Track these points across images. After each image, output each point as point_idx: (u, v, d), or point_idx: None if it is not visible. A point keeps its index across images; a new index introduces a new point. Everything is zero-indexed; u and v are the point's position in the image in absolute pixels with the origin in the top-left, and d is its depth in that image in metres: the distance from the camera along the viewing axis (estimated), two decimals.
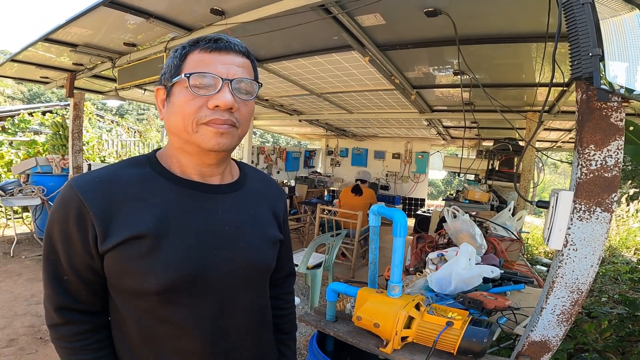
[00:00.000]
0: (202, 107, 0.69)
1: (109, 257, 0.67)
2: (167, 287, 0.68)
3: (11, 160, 6.77)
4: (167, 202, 0.71)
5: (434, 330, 1.08)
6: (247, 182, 0.87)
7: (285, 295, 1.03)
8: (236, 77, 0.70)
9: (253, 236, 0.80)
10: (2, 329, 2.81)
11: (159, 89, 0.76)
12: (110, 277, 0.70)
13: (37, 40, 3.11)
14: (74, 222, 0.66)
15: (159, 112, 0.77)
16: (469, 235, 1.99)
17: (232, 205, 0.79)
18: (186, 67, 0.70)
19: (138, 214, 0.68)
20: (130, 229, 0.67)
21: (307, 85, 4.45)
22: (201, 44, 0.71)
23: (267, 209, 0.88)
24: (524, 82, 3.48)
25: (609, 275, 4.68)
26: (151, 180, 0.73)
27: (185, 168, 0.76)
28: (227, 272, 0.75)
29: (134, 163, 0.75)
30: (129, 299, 0.71)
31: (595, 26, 0.88)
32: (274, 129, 10.24)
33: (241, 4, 2.27)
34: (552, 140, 7.04)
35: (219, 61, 0.70)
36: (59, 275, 0.69)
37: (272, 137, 22.00)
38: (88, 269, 0.69)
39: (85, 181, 0.68)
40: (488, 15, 2.24)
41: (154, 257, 0.67)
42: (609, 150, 0.96)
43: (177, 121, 0.71)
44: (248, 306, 0.80)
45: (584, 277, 1.02)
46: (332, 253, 3.68)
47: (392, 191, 9.32)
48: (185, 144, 0.73)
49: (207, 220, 0.74)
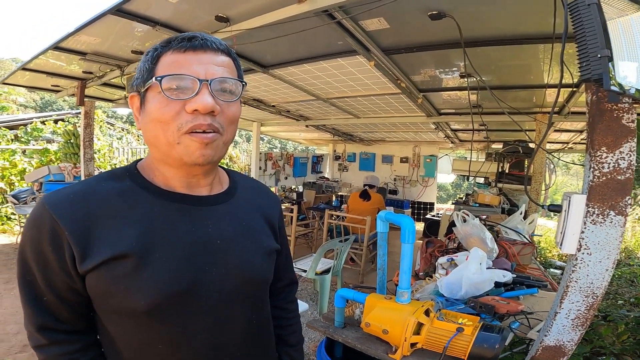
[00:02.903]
0: (180, 113, 0.63)
1: (90, 278, 0.63)
2: (156, 306, 0.63)
3: (24, 168, 6.91)
4: (150, 217, 0.66)
5: (444, 337, 1.06)
6: (238, 191, 0.81)
7: (287, 305, 0.98)
8: (216, 77, 0.64)
9: (247, 248, 0.75)
10: (15, 335, 2.86)
11: (132, 96, 0.70)
12: (95, 298, 0.65)
13: (47, 49, 3.18)
14: (48, 243, 0.61)
15: (136, 121, 0.71)
16: (480, 239, 1.97)
17: (223, 217, 0.74)
18: (159, 70, 0.64)
19: (119, 232, 0.63)
20: (111, 249, 0.62)
21: (313, 91, 4.47)
22: (173, 43, 0.65)
23: (261, 218, 0.83)
24: (533, 84, 3.44)
25: (624, 277, 4.58)
26: (132, 194, 0.67)
27: (169, 180, 0.70)
28: (220, 287, 0.70)
29: (112, 176, 0.69)
30: (116, 319, 0.66)
31: (602, 27, 0.87)
32: (281, 134, 10.28)
33: (245, 10, 2.30)
34: (563, 141, 6.94)
35: (195, 61, 0.64)
36: (37, 296, 0.65)
37: (279, 143, 22.10)
38: (68, 289, 0.64)
39: (59, 198, 0.63)
40: (493, 17, 2.23)
41: (139, 276, 0.62)
42: (622, 153, 0.94)
43: (156, 131, 0.65)
44: (245, 321, 0.75)
45: (598, 281, 1.00)
46: (341, 258, 3.67)
47: (400, 195, 9.27)
48: (166, 157, 0.67)
49: (196, 234, 0.69)
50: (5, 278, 4.07)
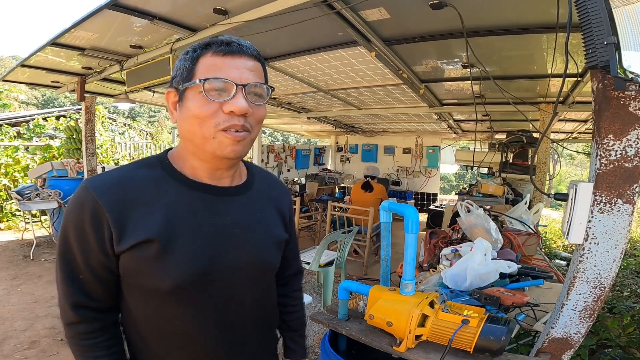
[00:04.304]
0: (218, 112, 0.70)
1: (124, 258, 0.69)
2: (178, 286, 0.70)
3: (27, 165, 6.93)
4: (178, 205, 0.73)
5: (449, 329, 1.06)
6: (255, 183, 0.88)
7: (293, 293, 1.06)
8: (249, 82, 0.71)
9: (259, 237, 0.83)
10: (24, 331, 2.88)
11: (170, 91, 0.76)
12: (126, 276, 0.72)
13: (45, 45, 3.16)
14: (90, 223, 0.67)
15: (171, 115, 0.77)
16: (484, 229, 1.95)
17: (241, 207, 0.81)
18: (199, 71, 0.70)
19: (150, 217, 0.70)
20: (143, 233, 0.68)
21: (314, 83, 4.44)
22: (213, 46, 0.71)
23: (274, 210, 0.90)
24: (536, 74, 3.40)
25: (630, 268, 4.56)
26: (163, 182, 0.74)
27: (196, 171, 0.77)
28: (233, 271, 0.77)
29: (146, 164, 0.76)
30: (141, 297, 0.73)
31: (608, 14, 0.86)
32: (283, 127, 10.26)
33: (244, 2, 2.27)
34: (568, 131, 6.88)
35: (232, 65, 0.70)
36: (75, 274, 0.71)
37: (281, 136, 22.06)
38: (103, 268, 0.71)
39: (100, 182, 0.70)
40: (495, 6, 2.19)
41: (166, 258, 0.69)
42: (629, 140, 0.92)
43: (193, 126, 0.71)
44: (253, 302, 0.83)
45: (606, 272, 0.98)
46: (344, 250, 3.67)
47: (403, 186, 9.25)
48: (198, 150, 0.74)
49: (216, 221, 0.76)
50: (12, 275, 4.11)
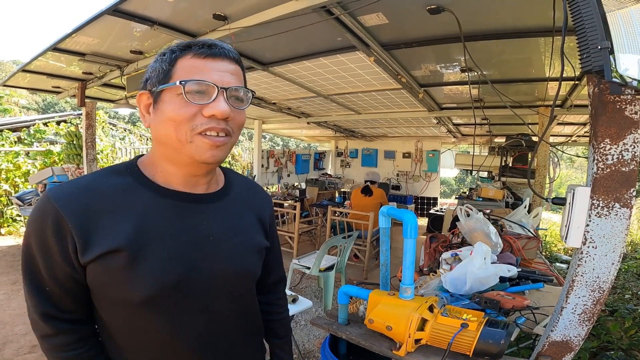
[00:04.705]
0: (196, 116, 0.67)
1: (90, 269, 0.66)
2: (150, 298, 0.67)
3: (28, 170, 6.93)
4: (147, 214, 0.69)
5: (448, 332, 1.06)
6: (232, 190, 0.85)
7: (278, 301, 1.04)
8: (231, 86, 0.69)
9: (238, 245, 0.80)
10: (24, 335, 2.88)
11: (142, 94, 0.72)
12: (95, 287, 0.69)
13: (45, 50, 3.18)
14: (52, 234, 0.64)
15: (142, 119, 0.73)
16: (484, 233, 1.95)
17: (217, 215, 0.78)
18: (177, 73, 0.67)
19: (116, 227, 0.66)
20: (108, 243, 0.65)
21: (314, 88, 4.45)
22: (194, 48, 0.68)
23: (253, 217, 0.86)
24: (534, 77, 3.41)
25: (631, 271, 4.55)
26: (132, 191, 0.70)
27: (170, 177, 0.74)
28: (211, 281, 0.74)
29: (113, 172, 0.72)
30: (113, 309, 0.70)
31: (602, 19, 0.87)
32: (282, 132, 10.28)
33: (243, 8, 2.29)
34: (567, 134, 6.89)
35: (213, 68, 0.68)
36: (41, 286, 0.68)
37: (281, 141, 22.09)
38: (70, 279, 0.67)
39: (63, 192, 0.66)
40: (492, 10, 2.21)
41: (135, 269, 0.66)
42: (625, 144, 0.93)
43: (169, 130, 0.68)
44: (234, 312, 0.80)
45: (605, 275, 0.99)
46: (344, 255, 3.66)
47: (403, 191, 9.25)
48: (175, 154, 0.70)
49: (190, 230, 0.73)
50: (12, 279, 4.11)
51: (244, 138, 18.88)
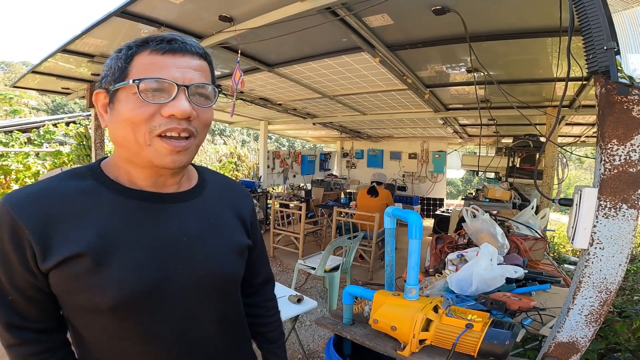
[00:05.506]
0: (155, 116, 0.62)
1: (52, 276, 0.62)
2: (120, 304, 0.63)
3: (38, 171, 7.03)
4: (111, 216, 0.65)
5: (453, 333, 1.06)
6: (207, 188, 0.80)
7: (266, 303, 0.97)
8: (193, 83, 0.64)
9: (216, 245, 0.75)
10: None
11: (99, 92, 0.68)
12: (60, 295, 0.65)
13: (55, 52, 3.23)
14: (9, 242, 0.61)
15: (100, 119, 0.69)
16: (490, 234, 1.95)
17: (191, 214, 0.73)
18: (133, 71, 0.63)
19: (79, 231, 0.62)
20: (69, 248, 0.61)
21: (319, 89, 4.47)
22: (152, 44, 0.63)
23: (232, 215, 0.81)
24: (541, 77, 3.39)
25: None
26: (94, 194, 0.66)
27: (134, 178, 0.69)
28: (188, 285, 0.70)
29: (74, 175, 0.68)
30: (84, 316, 0.66)
31: (607, 19, 0.87)
32: (288, 133, 10.31)
33: (249, 9, 2.31)
34: (575, 135, 6.82)
35: (174, 64, 0.63)
36: (2, 295, 0.64)
37: (287, 141, 22.14)
38: (32, 288, 0.64)
39: (19, 198, 0.62)
40: (498, 11, 2.20)
41: (100, 274, 0.62)
42: (633, 145, 0.92)
43: (126, 131, 0.63)
44: (216, 318, 0.76)
45: (612, 276, 0.98)
46: (350, 255, 3.67)
47: (409, 192, 9.22)
48: (135, 156, 0.66)
49: (161, 232, 0.68)
50: None
51: (249, 138, 18.94)
